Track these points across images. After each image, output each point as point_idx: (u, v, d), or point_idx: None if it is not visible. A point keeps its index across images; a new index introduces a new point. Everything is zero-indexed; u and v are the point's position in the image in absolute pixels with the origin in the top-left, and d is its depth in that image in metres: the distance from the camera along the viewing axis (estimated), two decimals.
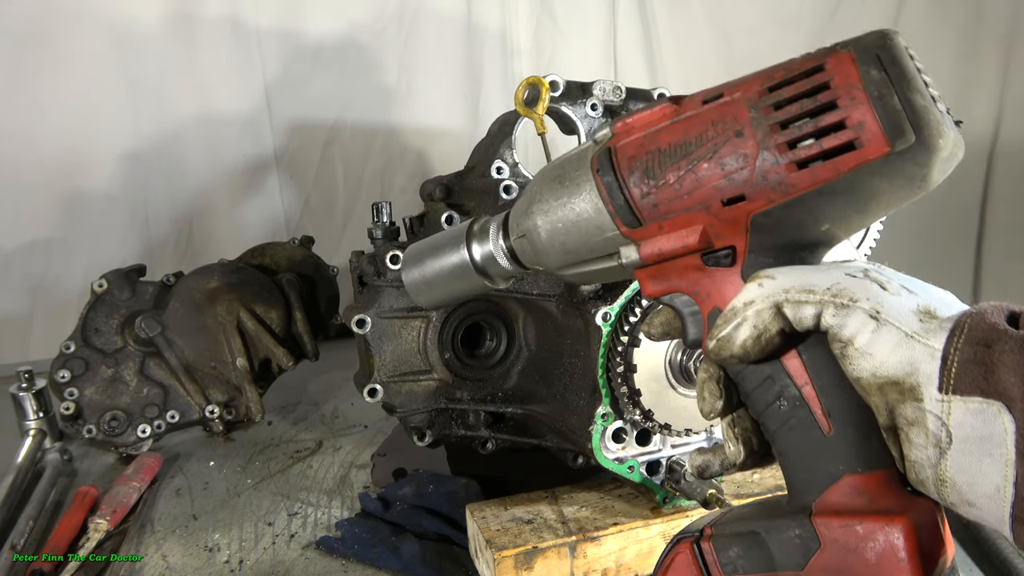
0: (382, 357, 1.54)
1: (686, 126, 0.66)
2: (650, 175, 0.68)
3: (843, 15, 3.61)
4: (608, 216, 0.71)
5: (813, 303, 0.62)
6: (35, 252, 2.88)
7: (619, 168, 0.70)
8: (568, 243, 0.76)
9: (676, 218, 0.68)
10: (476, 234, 0.88)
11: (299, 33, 3.02)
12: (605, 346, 1.24)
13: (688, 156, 0.65)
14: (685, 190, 0.66)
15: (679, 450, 1.37)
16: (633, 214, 0.70)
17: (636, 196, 0.69)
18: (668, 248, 0.70)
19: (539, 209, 0.78)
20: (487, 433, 1.56)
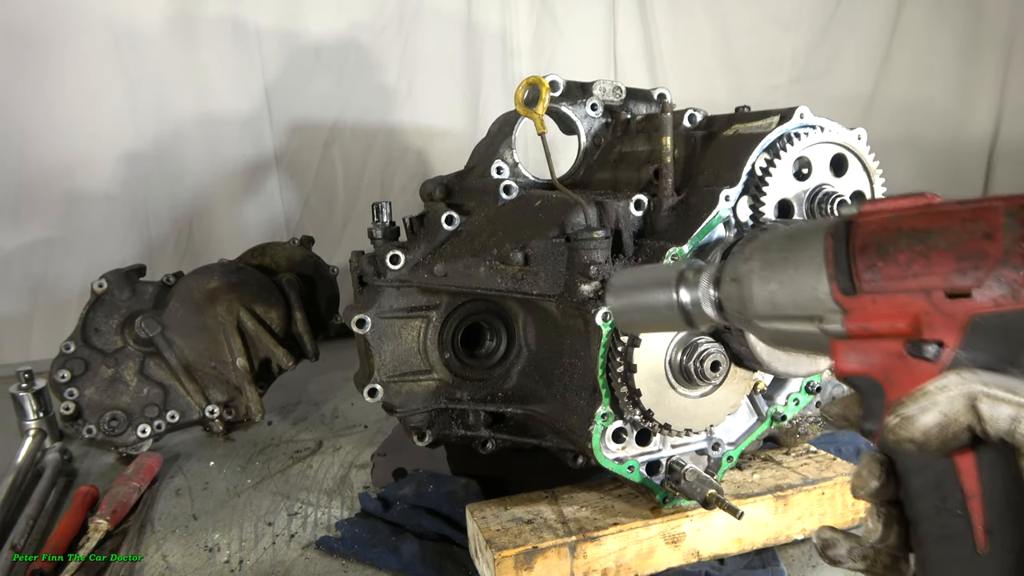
0: (382, 357, 1.53)
1: (935, 217, 0.66)
2: (882, 251, 0.68)
3: (843, 15, 3.61)
4: (826, 277, 0.71)
5: (1013, 404, 0.58)
6: (35, 252, 2.88)
7: (854, 237, 0.70)
8: (777, 295, 0.76)
9: (892, 296, 0.67)
10: (687, 279, 0.89)
11: (299, 33, 3.02)
12: (605, 346, 1.24)
13: (927, 242, 0.65)
14: (912, 271, 0.66)
15: (679, 450, 1.37)
16: (851, 280, 0.69)
17: (861, 265, 0.69)
18: (875, 325, 0.68)
19: (760, 256, 0.79)
20: (487, 433, 1.56)
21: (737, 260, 0.84)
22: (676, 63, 3.48)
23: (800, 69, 3.64)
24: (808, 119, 1.27)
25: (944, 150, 3.80)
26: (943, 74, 3.73)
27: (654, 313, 0.93)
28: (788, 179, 1.27)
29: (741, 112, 1.41)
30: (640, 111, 1.66)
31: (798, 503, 1.43)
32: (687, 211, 1.30)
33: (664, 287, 0.90)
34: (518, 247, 1.38)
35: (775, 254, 0.77)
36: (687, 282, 0.89)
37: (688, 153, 1.39)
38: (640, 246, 1.31)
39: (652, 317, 0.94)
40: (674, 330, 0.97)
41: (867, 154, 1.32)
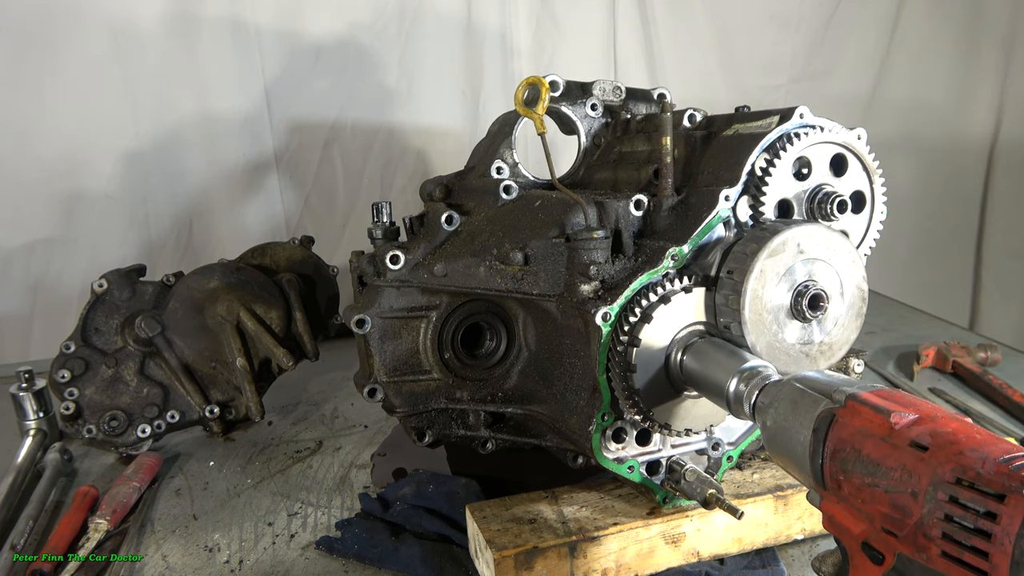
0: (382, 357, 1.53)
1: (888, 452, 0.77)
2: (844, 467, 0.81)
3: (843, 15, 3.61)
4: (808, 466, 0.87)
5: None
6: (35, 252, 2.88)
7: (828, 440, 0.84)
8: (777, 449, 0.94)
9: (849, 508, 0.82)
10: (743, 375, 1.09)
11: (299, 33, 3.02)
12: (605, 346, 1.24)
13: (874, 476, 0.77)
14: (861, 497, 0.79)
15: (679, 450, 1.37)
16: (823, 479, 0.85)
17: (828, 471, 0.84)
18: (838, 520, 0.84)
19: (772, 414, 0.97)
20: (487, 433, 1.56)
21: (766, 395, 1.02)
22: (676, 63, 3.48)
23: (800, 69, 3.64)
24: (808, 119, 1.27)
25: (944, 150, 3.81)
26: (943, 74, 3.74)
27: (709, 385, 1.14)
28: (788, 179, 1.27)
29: (741, 112, 1.41)
30: (640, 111, 1.66)
31: (798, 503, 1.43)
32: (687, 211, 1.30)
33: (727, 370, 1.10)
34: (518, 247, 1.38)
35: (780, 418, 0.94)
36: (743, 377, 1.08)
37: (688, 153, 1.39)
38: (640, 246, 1.31)
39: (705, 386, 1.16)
40: (716, 403, 1.16)
41: (867, 154, 1.32)
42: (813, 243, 1.19)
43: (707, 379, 1.16)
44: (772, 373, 1.07)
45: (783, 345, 1.21)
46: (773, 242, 1.17)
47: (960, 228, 3.94)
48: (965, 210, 3.91)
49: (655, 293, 1.22)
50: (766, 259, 1.17)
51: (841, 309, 1.24)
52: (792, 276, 1.19)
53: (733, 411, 1.10)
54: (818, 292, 1.20)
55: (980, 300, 4.00)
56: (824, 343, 1.24)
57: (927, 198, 3.83)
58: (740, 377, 1.09)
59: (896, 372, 2.36)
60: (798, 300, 1.20)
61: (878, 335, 2.68)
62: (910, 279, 3.73)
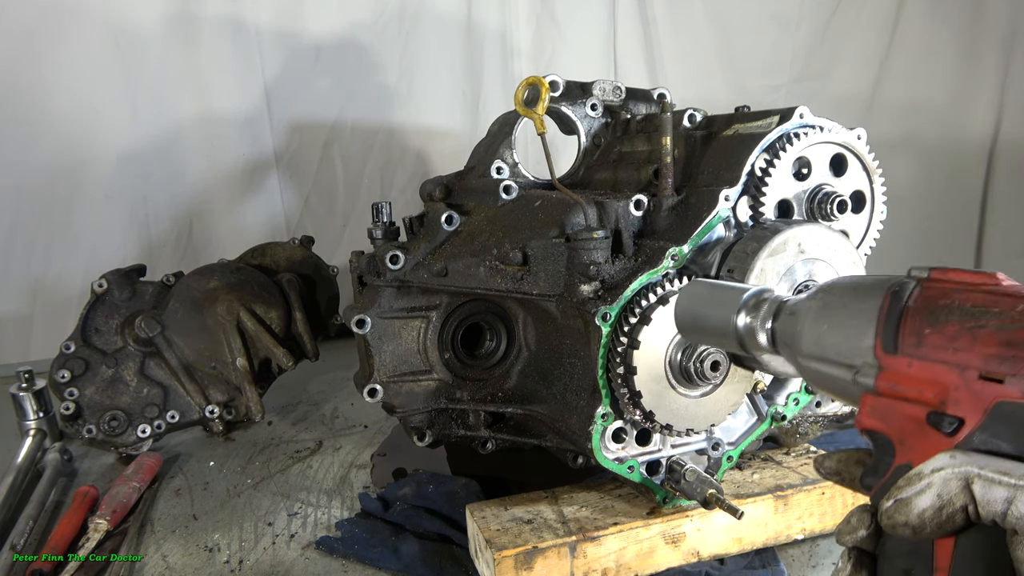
0: (382, 357, 1.53)
1: (996, 298, 0.67)
2: (933, 318, 0.69)
3: (843, 15, 3.61)
4: (874, 330, 0.74)
5: (1007, 486, 0.58)
6: (35, 252, 2.88)
7: (911, 299, 0.73)
8: (824, 337, 0.79)
9: (928, 364, 0.69)
10: (749, 306, 0.93)
11: (299, 33, 3.02)
12: (605, 346, 1.24)
13: (978, 319, 0.66)
14: (954, 344, 0.67)
15: (679, 450, 1.37)
16: (895, 339, 0.72)
17: (908, 327, 0.71)
18: (904, 388, 0.70)
19: (822, 298, 0.82)
20: (487, 433, 1.56)
21: (801, 297, 0.88)
22: (676, 63, 3.48)
23: (800, 69, 3.64)
24: (808, 119, 1.27)
25: (944, 150, 3.80)
26: (943, 74, 3.73)
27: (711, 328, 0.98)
28: (788, 179, 1.27)
29: (741, 112, 1.41)
30: (640, 111, 1.66)
31: (798, 503, 1.43)
32: (687, 211, 1.30)
33: (727, 307, 0.94)
34: (518, 247, 1.38)
35: (836, 297, 0.80)
36: (748, 307, 0.93)
37: (688, 153, 1.39)
38: (640, 246, 1.31)
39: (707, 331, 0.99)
40: (726, 348, 1.00)
41: (867, 154, 1.32)
42: (814, 243, 1.19)
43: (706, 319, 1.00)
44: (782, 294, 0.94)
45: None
46: (774, 241, 1.17)
47: (960, 228, 3.93)
48: (965, 210, 3.91)
49: (655, 293, 1.22)
50: (767, 258, 1.17)
51: None
52: (792, 275, 1.19)
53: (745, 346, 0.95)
54: None
55: None
56: None
57: (927, 198, 3.83)
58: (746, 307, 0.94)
59: None
60: None
61: None
62: None
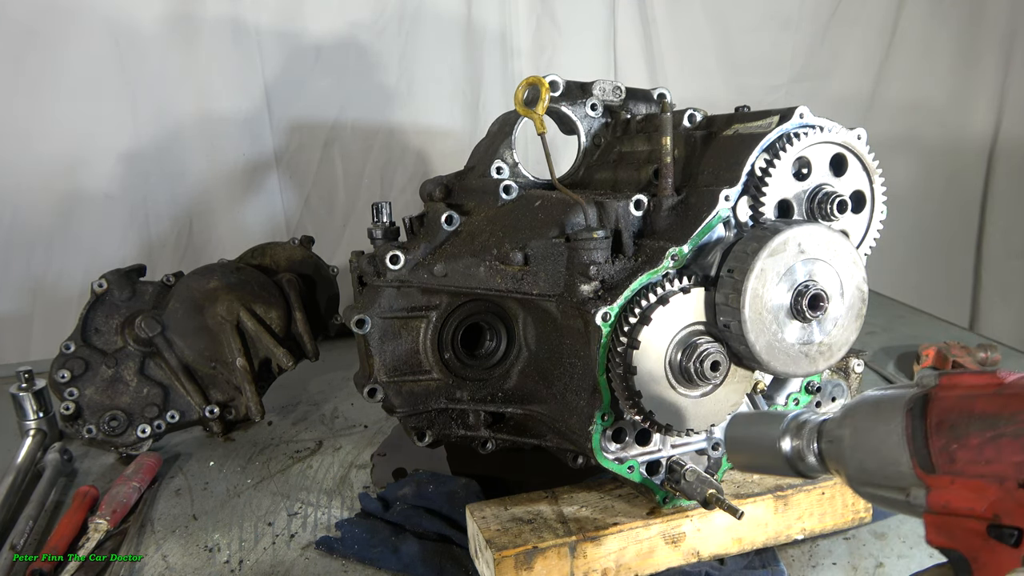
0: (382, 357, 1.53)
1: (1005, 401, 0.69)
2: (955, 433, 0.71)
3: (843, 15, 3.61)
4: (907, 454, 0.75)
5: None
6: (35, 252, 2.88)
7: (929, 415, 0.74)
8: (866, 464, 0.82)
9: (969, 480, 0.70)
10: (792, 430, 0.96)
11: (299, 33, 3.02)
12: (605, 347, 1.24)
13: (996, 428, 0.68)
14: (984, 457, 0.69)
15: (679, 450, 1.37)
16: (929, 460, 0.73)
17: (936, 445, 0.73)
18: (955, 505, 0.71)
19: (850, 424, 0.85)
20: (487, 433, 1.56)
21: (833, 421, 0.90)
22: (676, 63, 3.48)
23: (800, 69, 3.64)
24: (808, 119, 1.27)
25: (944, 150, 3.81)
26: (943, 74, 3.73)
27: (761, 453, 1.00)
28: (788, 179, 1.27)
29: (741, 112, 1.41)
30: (640, 111, 1.66)
31: (798, 503, 1.43)
32: (687, 211, 1.30)
33: (772, 433, 0.98)
34: (518, 247, 1.38)
35: (862, 422, 0.83)
36: (792, 431, 0.96)
37: (688, 153, 1.39)
38: (640, 246, 1.31)
39: (758, 456, 1.02)
40: (783, 475, 1.02)
41: (867, 154, 1.32)
42: (814, 243, 1.19)
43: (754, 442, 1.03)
44: (817, 416, 0.97)
45: (782, 345, 1.21)
46: (774, 241, 1.17)
47: (960, 228, 3.93)
48: (965, 210, 3.91)
49: (654, 294, 1.22)
50: (767, 258, 1.17)
51: (841, 309, 1.24)
52: (792, 276, 1.19)
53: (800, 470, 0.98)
54: (818, 292, 1.20)
55: (980, 300, 4.00)
56: (824, 343, 1.24)
57: (927, 198, 3.83)
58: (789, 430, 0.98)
59: (896, 372, 2.36)
60: (798, 300, 1.20)
61: (878, 335, 2.68)
62: (910, 279, 3.73)
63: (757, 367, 1.25)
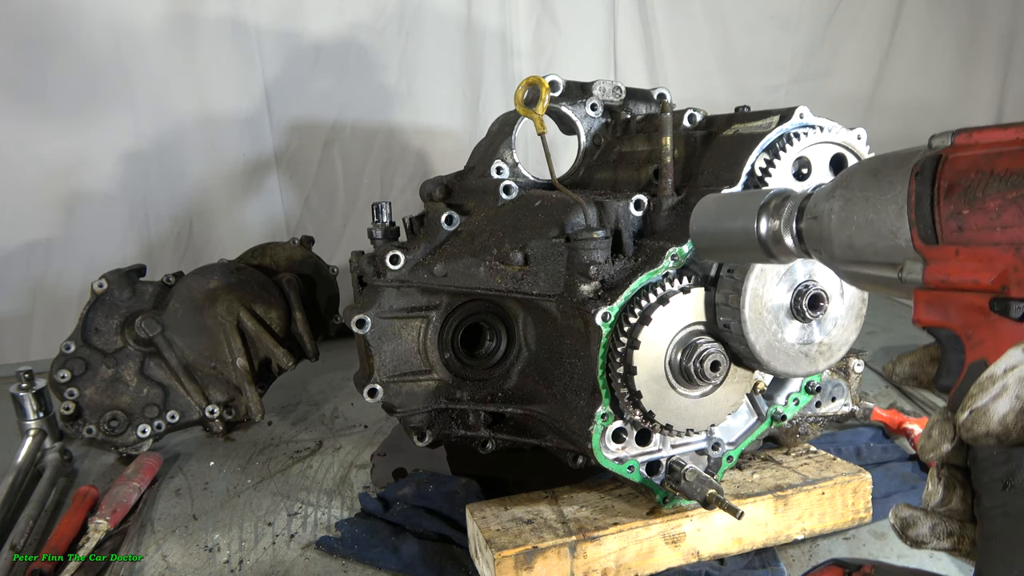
0: (382, 357, 1.53)
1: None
2: (969, 196, 0.61)
3: (843, 15, 3.61)
4: (907, 223, 0.66)
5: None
6: (35, 252, 2.88)
7: (940, 178, 0.64)
8: (855, 239, 0.72)
9: (977, 249, 0.61)
10: (769, 208, 0.85)
11: (299, 33, 3.02)
12: (605, 347, 1.24)
13: (1020, 187, 0.58)
14: (1001, 222, 0.59)
15: (679, 450, 1.37)
16: (933, 229, 0.64)
17: (944, 212, 0.63)
18: (957, 278, 0.63)
19: (841, 195, 0.74)
20: (487, 433, 1.56)
21: (819, 195, 0.79)
22: (676, 63, 3.48)
23: (800, 69, 3.64)
24: (808, 119, 1.27)
25: None
26: (943, 74, 3.74)
27: (732, 239, 0.89)
28: (788, 179, 1.27)
29: (741, 112, 1.41)
30: (640, 111, 1.66)
31: (798, 503, 1.43)
32: (687, 211, 1.29)
33: (746, 215, 0.86)
34: (518, 247, 1.38)
35: (857, 192, 0.72)
36: (768, 211, 0.85)
37: (688, 153, 1.39)
38: (640, 246, 1.31)
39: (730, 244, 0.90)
40: (753, 261, 0.93)
41: (867, 154, 1.32)
42: None
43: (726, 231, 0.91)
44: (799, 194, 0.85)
45: (782, 345, 1.21)
46: None
47: None
48: None
49: (654, 293, 1.22)
50: None
51: (841, 310, 1.24)
52: (792, 276, 1.19)
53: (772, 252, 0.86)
54: (818, 292, 1.20)
55: None
56: (824, 343, 1.24)
57: None
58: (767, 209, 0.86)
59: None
60: (798, 300, 1.20)
61: (878, 335, 2.68)
62: None
63: (757, 367, 1.25)
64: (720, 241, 0.92)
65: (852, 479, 1.46)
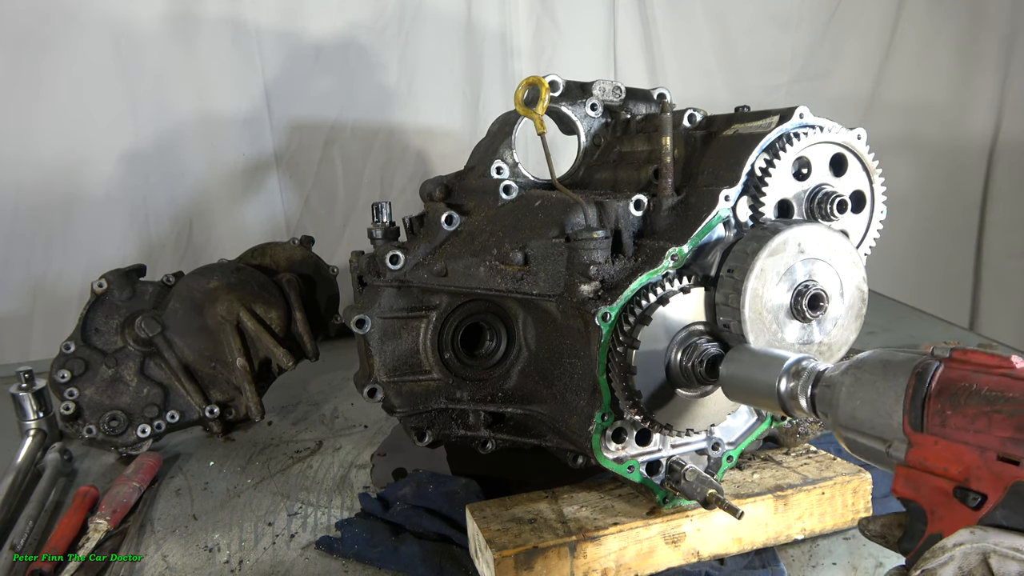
0: (382, 357, 1.53)
1: (1010, 384, 0.74)
2: (954, 400, 0.77)
3: (843, 15, 3.61)
4: (902, 409, 0.82)
5: (1019, 561, 0.65)
6: (35, 252, 2.88)
7: (934, 380, 0.80)
8: (857, 412, 0.88)
9: (952, 444, 0.76)
10: (791, 372, 1.02)
11: (299, 33, 3.02)
12: (605, 346, 1.24)
13: (994, 404, 0.74)
14: (974, 427, 0.74)
15: (679, 450, 1.37)
16: (921, 419, 0.80)
17: (932, 408, 0.79)
18: (932, 463, 0.78)
19: (854, 374, 0.90)
20: (487, 433, 1.56)
21: (834, 369, 0.96)
22: (676, 63, 3.48)
23: (800, 69, 3.64)
24: (808, 119, 1.27)
25: (944, 150, 3.81)
26: (943, 74, 3.74)
27: (755, 390, 1.07)
28: (788, 179, 1.27)
29: (741, 112, 1.41)
30: (640, 111, 1.66)
31: (798, 503, 1.43)
32: (687, 211, 1.30)
33: (771, 371, 1.04)
34: (518, 247, 1.38)
35: (867, 374, 0.88)
36: (790, 374, 1.02)
37: (688, 153, 1.39)
38: (640, 246, 1.31)
39: (752, 393, 1.09)
40: (769, 410, 1.10)
41: (867, 154, 1.32)
42: (814, 243, 1.19)
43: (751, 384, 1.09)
44: (818, 364, 1.02)
45: (782, 345, 1.21)
46: (774, 241, 1.17)
47: (960, 228, 3.93)
48: (965, 210, 3.91)
49: (654, 294, 1.22)
50: (767, 258, 1.17)
51: (841, 310, 1.24)
52: (792, 276, 1.19)
53: (787, 408, 1.03)
54: (818, 292, 1.20)
55: (980, 300, 4.00)
56: (823, 343, 1.24)
57: (927, 198, 3.83)
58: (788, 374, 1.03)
59: None
60: (798, 300, 1.20)
61: (878, 335, 2.68)
62: (910, 279, 3.73)
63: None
64: (744, 386, 1.10)
65: (852, 479, 1.46)
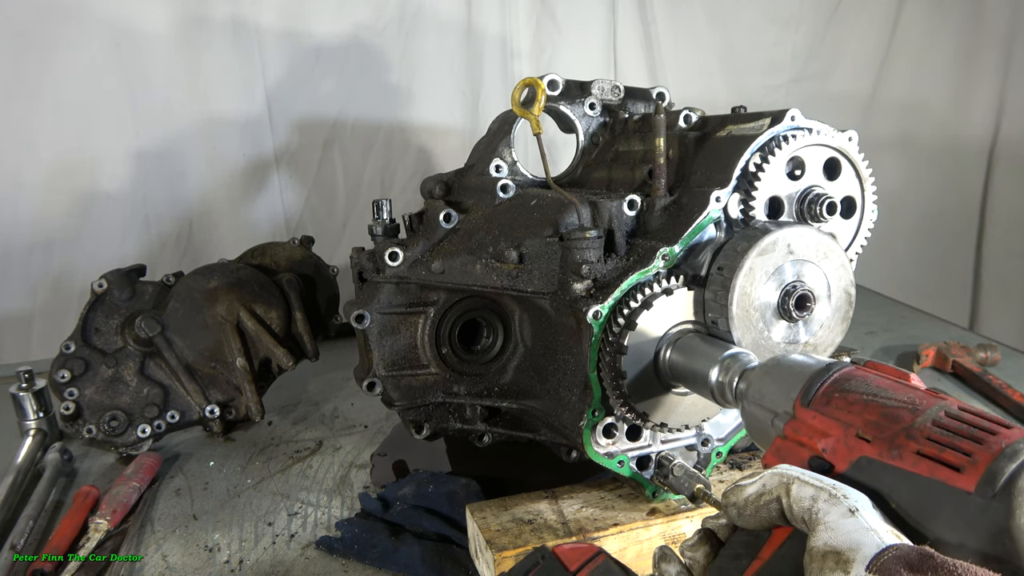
0: (381, 352, 1.54)
1: (901, 389, 0.83)
2: (847, 387, 0.86)
3: (843, 15, 3.62)
4: (800, 386, 0.90)
5: (815, 487, 0.73)
6: (35, 252, 2.88)
7: (837, 373, 0.89)
8: (764, 388, 0.97)
9: (825, 419, 0.84)
10: (726, 364, 1.12)
11: (300, 33, 3.02)
12: (596, 344, 1.25)
13: (874, 395, 0.82)
14: (850, 408, 0.82)
15: (668, 446, 1.38)
16: (811, 397, 0.88)
17: (823, 390, 0.88)
18: (803, 435, 0.86)
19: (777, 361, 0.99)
20: (483, 427, 1.57)
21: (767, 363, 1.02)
22: (676, 63, 3.49)
23: (800, 69, 3.65)
24: (800, 121, 1.27)
25: (943, 150, 3.81)
26: (943, 74, 3.74)
27: (693, 375, 1.18)
28: (779, 181, 1.28)
29: (736, 113, 1.41)
30: (639, 110, 1.67)
31: None
32: (679, 211, 1.30)
33: (709, 361, 1.14)
34: (513, 245, 1.39)
35: (785, 363, 0.97)
36: (724, 366, 1.11)
37: (682, 154, 1.40)
38: (632, 245, 1.32)
39: (690, 377, 1.20)
40: (706, 396, 1.17)
41: (859, 158, 1.31)
42: (803, 245, 1.20)
43: (691, 371, 1.19)
44: (753, 359, 1.11)
45: (768, 343, 1.21)
46: (764, 241, 1.17)
47: (960, 228, 3.93)
48: (965, 210, 3.91)
49: (643, 294, 1.23)
50: (756, 257, 1.17)
51: (827, 311, 1.25)
52: (781, 275, 1.20)
53: (717, 399, 1.13)
54: (805, 293, 1.21)
55: (980, 300, 4.00)
56: (809, 344, 1.25)
57: (927, 198, 3.83)
58: (721, 366, 1.11)
59: None
60: (785, 299, 1.20)
61: (878, 335, 2.68)
62: (910, 279, 3.73)
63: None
64: (686, 373, 1.21)
65: None
